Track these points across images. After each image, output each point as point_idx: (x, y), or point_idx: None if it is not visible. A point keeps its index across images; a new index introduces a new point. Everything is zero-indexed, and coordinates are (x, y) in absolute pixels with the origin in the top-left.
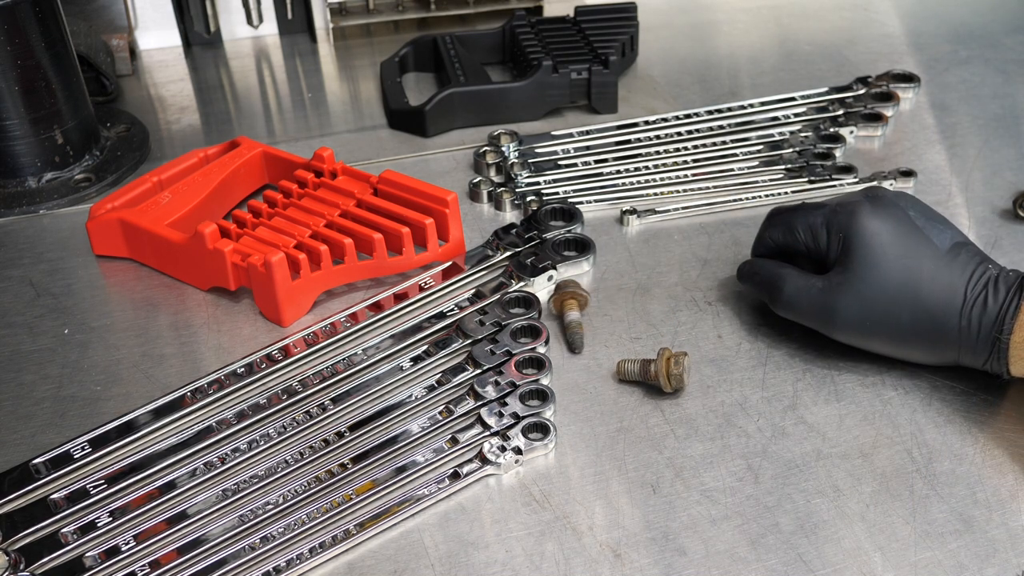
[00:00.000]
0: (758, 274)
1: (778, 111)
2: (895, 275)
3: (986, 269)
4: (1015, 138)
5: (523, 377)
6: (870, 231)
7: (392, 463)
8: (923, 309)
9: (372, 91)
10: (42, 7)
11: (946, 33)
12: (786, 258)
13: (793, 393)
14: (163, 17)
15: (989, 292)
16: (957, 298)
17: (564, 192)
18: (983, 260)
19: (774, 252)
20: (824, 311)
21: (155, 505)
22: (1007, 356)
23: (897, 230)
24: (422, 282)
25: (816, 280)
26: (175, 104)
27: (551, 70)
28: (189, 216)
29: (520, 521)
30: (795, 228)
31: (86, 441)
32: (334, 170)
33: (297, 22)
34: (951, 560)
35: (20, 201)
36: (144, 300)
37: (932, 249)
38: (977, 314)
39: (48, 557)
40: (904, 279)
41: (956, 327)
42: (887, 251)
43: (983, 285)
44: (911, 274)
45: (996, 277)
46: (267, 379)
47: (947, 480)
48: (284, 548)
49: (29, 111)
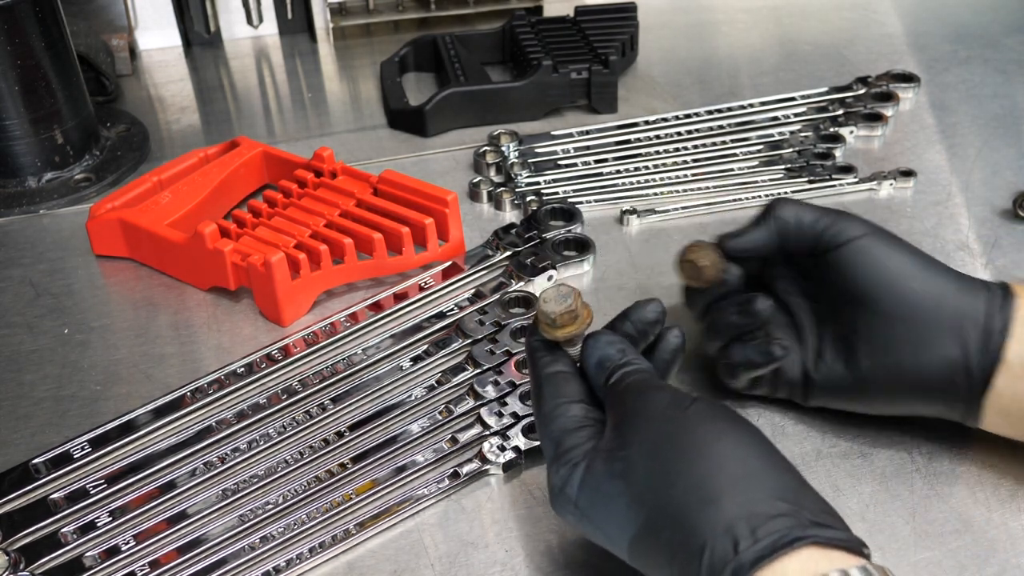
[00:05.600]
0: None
1: (778, 111)
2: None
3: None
4: (1015, 138)
5: (523, 377)
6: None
7: (392, 463)
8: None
9: (372, 91)
10: (42, 7)
11: (946, 33)
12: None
13: None
14: (163, 17)
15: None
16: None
17: (564, 192)
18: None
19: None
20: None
21: (155, 505)
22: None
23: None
24: (422, 282)
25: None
26: (175, 104)
27: (551, 70)
28: (189, 216)
29: (520, 521)
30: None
31: (86, 441)
32: (334, 170)
33: (297, 22)
34: (951, 560)
35: (20, 201)
36: (144, 300)
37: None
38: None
39: (48, 557)
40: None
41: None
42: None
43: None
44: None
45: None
46: (267, 379)
47: (947, 480)
48: (284, 548)
49: (29, 111)
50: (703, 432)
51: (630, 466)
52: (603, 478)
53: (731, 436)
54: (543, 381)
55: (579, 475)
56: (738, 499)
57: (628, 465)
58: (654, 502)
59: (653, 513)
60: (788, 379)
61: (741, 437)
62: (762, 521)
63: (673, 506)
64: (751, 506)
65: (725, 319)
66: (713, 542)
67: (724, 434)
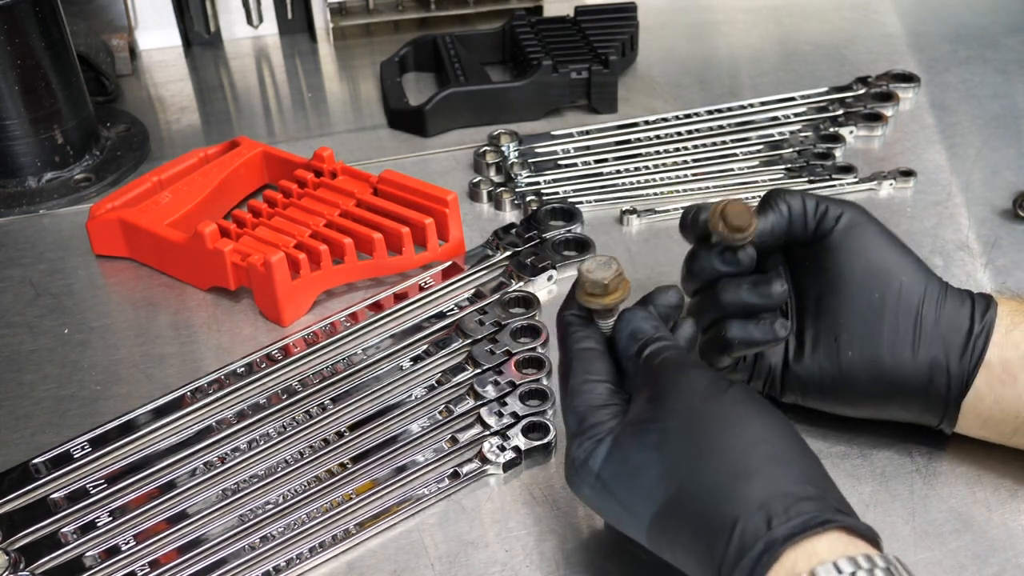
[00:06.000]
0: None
1: (778, 111)
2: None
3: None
4: (1015, 138)
5: (523, 377)
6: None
7: (392, 463)
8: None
9: (372, 91)
10: (42, 7)
11: (946, 33)
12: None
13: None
14: (163, 17)
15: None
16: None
17: (564, 192)
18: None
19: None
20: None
21: (155, 505)
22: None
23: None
24: (422, 282)
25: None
26: (175, 104)
27: (551, 70)
28: (189, 216)
29: (520, 521)
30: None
31: (86, 441)
32: (334, 170)
33: (297, 22)
34: (951, 560)
35: (20, 201)
36: (144, 300)
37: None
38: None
39: (48, 557)
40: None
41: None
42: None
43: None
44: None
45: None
46: (267, 379)
47: (947, 480)
48: (284, 548)
49: (29, 111)
50: (741, 412)
51: (665, 438)
52: (633, 450)
53: (766, 419)
54: (573, 356)
55: (604, 449)
56: (772, 478)
57: (663, 437)
58: (688, 475)
59: (686, 485)
60: (768, 368)
61: (774, 422)
62: (794, 501)
63: (707, 480)
64: (784, 486)
65: (733, 296)
66: (747, 517)
67: (759, 416)
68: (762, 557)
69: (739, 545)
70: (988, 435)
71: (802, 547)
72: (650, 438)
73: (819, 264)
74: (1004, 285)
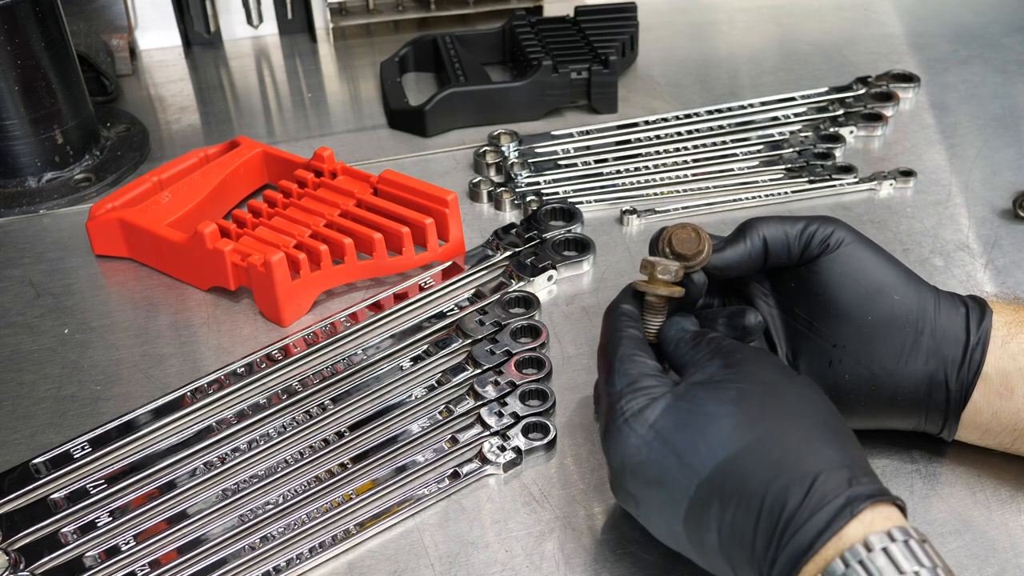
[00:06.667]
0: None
1: (778, 111)
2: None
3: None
4: (1015, 138)
5: (523, 377)
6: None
7: (392, 463)
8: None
9: (372, 91)
10: (42, 7)
11: (946, 33)
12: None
13: None
14: (163, 17)
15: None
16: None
17: (564, 192)
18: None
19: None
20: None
21: (155, 505)
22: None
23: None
24: (422, 282)
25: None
26: (175, 104)
27: (551, 70)
28: (189, 216)
29: (520, 521)
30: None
31: (86, 441)
32: (334, 170)
33: (297, 22)
34: (951, 560)
35: (20, 201)
36: (144, 300)
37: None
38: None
39: (48, 557)
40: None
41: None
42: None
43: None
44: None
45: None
46: (267, 379)
47: (947, 480)
48: (284, 548)
49: (29, 111)
50: (812, 393)
51: (743, 395)
52: (708, 402)
53: (831, 406)
54: (623, 337)
55: (663, 403)
56: (844, 447)
57: (741, 394)
58: (768, 429)
59: (765, 438)
60: None
61: (835, 410)
62: (864, 472)
63: (788, 436)
64: (855, 455)
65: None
66: (829, 472)
67: (827, 402)
68: (843, 509)
69: (820, 496)
70: (987, 444)
71: (879, 509)
72: (727, 394)
73: (809, 288)
74: (1004, 285)
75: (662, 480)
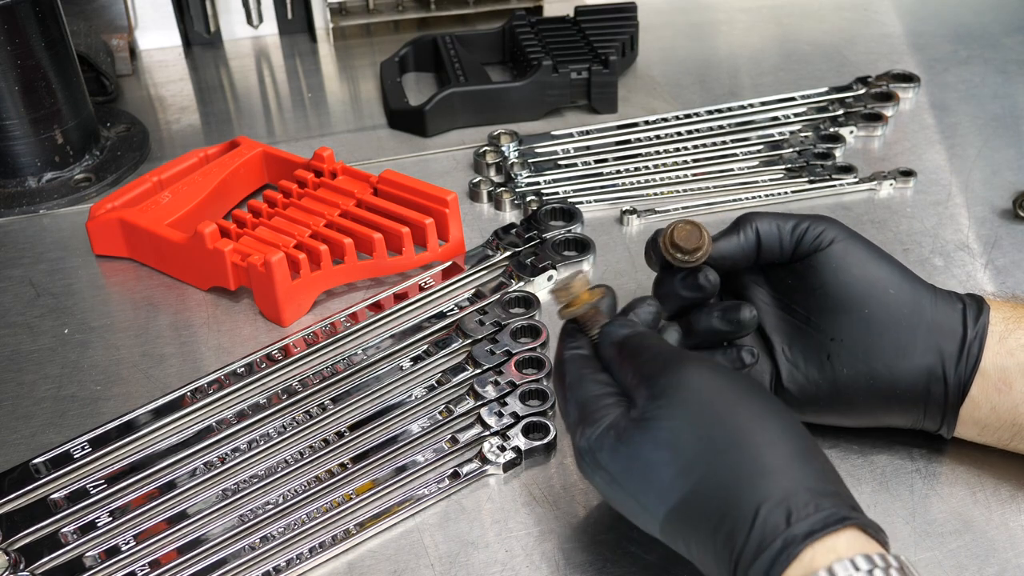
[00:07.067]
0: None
1: (778, 111)
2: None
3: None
4: (1015, 138)
5: (523, 377)
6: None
7: (392, 463)
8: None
9: (372, 91)
10: (42, 7)
11: (946, 33)
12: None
13: None
14: (163, 17)
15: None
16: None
17: (564, 192)
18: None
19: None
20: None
21: (155, 505)
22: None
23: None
24: (422, 282)
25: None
26: (175, 104)
27: (551, 70)
28: (189, 216)
29: (520, 521)
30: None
31: (86, 441)
32: (334, 170)
33: (297, 22)
34: (951, 560)
35: (20, 201)
36: (144, 300)
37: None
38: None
39: (48, 557)
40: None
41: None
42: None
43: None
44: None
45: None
46: (267, 379)
47: (947, 480)
48: (284, 548)
49: (29, 111)
50: (754, 408)
51: (676, 435)
52: (644, 446)
53: (778, 416)
54: (566, 359)
55: (610, 442)
56: (792, 475)
57: (674, 435)
58: (705, 472)
59: (703, 482)
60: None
61: (785, 416)
62: (814, 497)
63: (725, 476)
64: (804, 482)
65: (704, 324)
66: (767, 513)
67: (772, 413)
68: (781, 553)
69: (758, 541)
70: (986, 441)
71: (821, 544)
72: (662, 436)
73: (805, 284)
74: (1004, 285)
75: (631, 515)
